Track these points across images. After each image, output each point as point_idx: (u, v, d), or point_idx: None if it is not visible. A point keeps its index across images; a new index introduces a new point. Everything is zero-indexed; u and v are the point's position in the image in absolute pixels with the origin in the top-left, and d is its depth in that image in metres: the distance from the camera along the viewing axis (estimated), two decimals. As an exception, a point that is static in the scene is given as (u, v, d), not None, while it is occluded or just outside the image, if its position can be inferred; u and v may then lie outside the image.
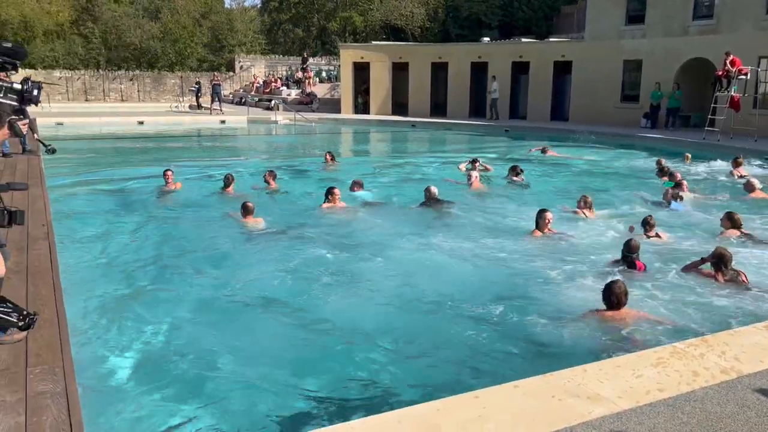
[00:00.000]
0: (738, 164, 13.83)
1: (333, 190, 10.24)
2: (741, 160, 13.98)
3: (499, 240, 8.49)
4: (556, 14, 38.68)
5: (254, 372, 4.91)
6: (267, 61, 42.44)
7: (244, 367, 5.00)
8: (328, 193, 10.22)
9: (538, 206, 9.19)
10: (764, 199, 10.88)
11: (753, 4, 20.73)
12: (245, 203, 9.38)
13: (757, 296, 6.28)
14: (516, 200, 11.33)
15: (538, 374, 3.84)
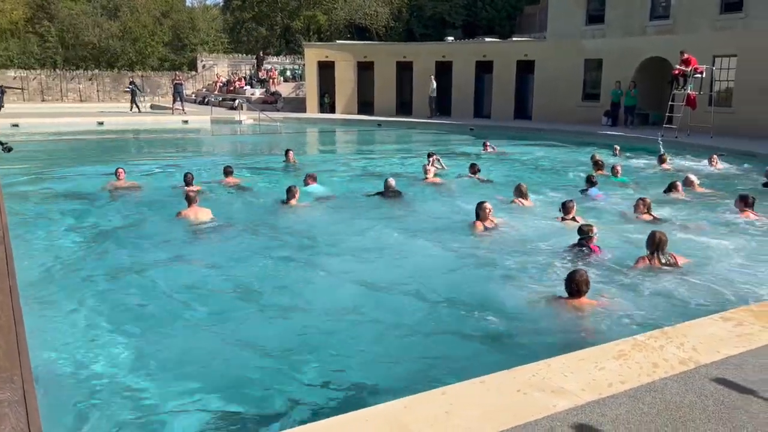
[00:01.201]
0: (663, 160, 14.70)
1: (292, 189, 10.28)
2: (666, 157, 14.85)
3: (453, 233, 8.60)
4: (518, 14, 39.16)
5: (217, 374, 4.84)
6: (230, 60, 42.02)
7: (206, 369, 4.92)
8: (288, 191, 10.28)
9: (490, 198, 9.51)
10: (703, 193, 11.36)
11: (708, 5, 21.32)
12: (187, 194, 9.43)
13: (689, 277, 6.56)
14: (470, 194, 11.47)
15: (505, 367, 3.89)
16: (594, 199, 10.80)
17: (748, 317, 4.72)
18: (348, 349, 5.27)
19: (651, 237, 6.82)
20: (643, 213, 8.93)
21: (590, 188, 11.13)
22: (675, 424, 3.30)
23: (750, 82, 20.37)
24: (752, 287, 6.36)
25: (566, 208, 8.72)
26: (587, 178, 11.56)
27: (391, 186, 11.03)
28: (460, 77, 28.41)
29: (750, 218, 9.11)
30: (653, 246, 6.75)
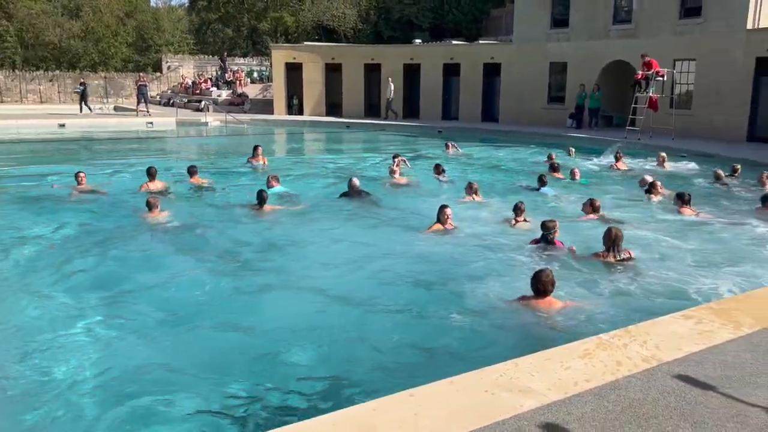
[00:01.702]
0: (618, 159, 15.18)
1: (263, 194, 10.20)
2: (621, 155, 15.38)
3: (414, 235, 8.67)
4: (485, 17, 39.50)
5: (176, 381, 4.73)
6: (196, 62, 41.49)
7: (164, 375, 4.81)
8: (259, 195, 10.18)
9: (453, 200, 9.81)
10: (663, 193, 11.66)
11: (668, 10, 21.83)
12: (147, 199, 9.43)
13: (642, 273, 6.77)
14: (434, 195, 11.67)
15: (473, 367, 3.92)
16: (546, 197, 11.22)
17: (708, 315, 4.83)
18: (314, 354, 5.21)
19: (607, 233, 6.95)
20: (590, 213, 9.19)
21: (541, 187, 11.52)
22: (638, 420, 3.36)
23: (708, 85, 20.93)
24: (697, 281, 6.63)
25: (518, 209, 8.98)
26: (539, 178, 11.90)
27: (355, 186, 11.07)
28: (428, 79, 28.56)
29: (687, 214, 9.57)
30: (609, 242, 6.88)
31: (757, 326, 4.62)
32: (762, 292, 5.49)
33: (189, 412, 4.34)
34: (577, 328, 5.38)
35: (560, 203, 10.96)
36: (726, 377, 3.85)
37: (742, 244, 8.43)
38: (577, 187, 12.55)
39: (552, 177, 12.84)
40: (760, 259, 7.63)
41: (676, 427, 3.31)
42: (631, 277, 6.68)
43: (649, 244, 8.13)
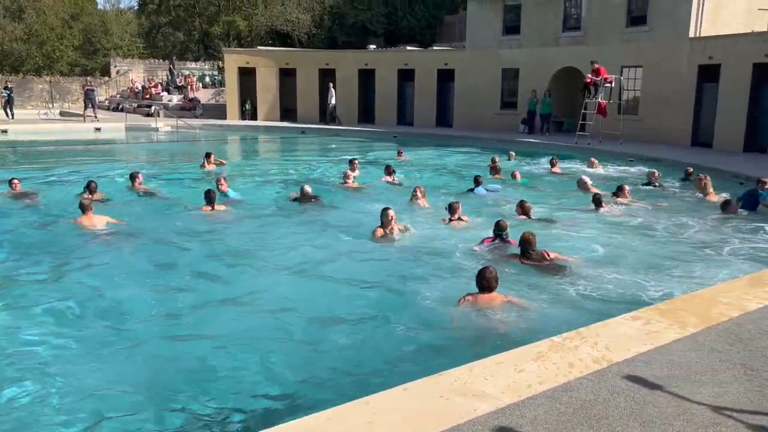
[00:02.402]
0: (553, 164, 15.76)
1: (210, 193, 10.16)
2: (556, 161, 15.95)
3: (362, 239, 8.73)
4: (438, 23, 39.92)
5: (127, 393, 4.57)
6: (146, 66, 40.65)
7: (109, 388, 4.63)
8: (206, 195, 10.13)
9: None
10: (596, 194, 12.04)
11: (616, 19, 22.45)
12: (80, 202, 9.30)
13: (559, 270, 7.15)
14: (387, 199, 11.73)
15: (426, 370, 3.94)
16: (481, 197, 11.71)
17: (655, 316, 4.95)
18: (265, 365, 5.09)
19: (521, 237, 7.38)
20: (520, 213, 9.61)
21: (476, 188, 12.04)
22: (590, 421, 3.41)
23: (654, 91, 21.60)
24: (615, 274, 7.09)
25: (452, 209, 9.34)
26: (474, 179, 12.38)
27: (307, 192, 11.28)
28: (383, 85, 28.65)
29: (602, 212, 10.31)
30: (522, 245, 7.32)
31: (702, 326, 4.76)
32: (706, 293, 5.66)
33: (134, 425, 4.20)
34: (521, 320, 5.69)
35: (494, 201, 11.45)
36: (673, 376, 3.95)
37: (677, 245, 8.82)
38: (517, 187, 13.12)
39: (492, 179, 13.45)
40: (694, 260, 7.92)
41: (625, 426, 3.37)
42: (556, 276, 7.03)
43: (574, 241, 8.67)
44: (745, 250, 8.41)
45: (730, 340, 4.53)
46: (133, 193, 11.98)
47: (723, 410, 3.56)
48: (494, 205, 11.09)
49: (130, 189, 12.13)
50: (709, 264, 7.73)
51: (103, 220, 9.18)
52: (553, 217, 10.15)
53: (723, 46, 19.56)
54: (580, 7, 23.50)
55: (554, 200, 11.92)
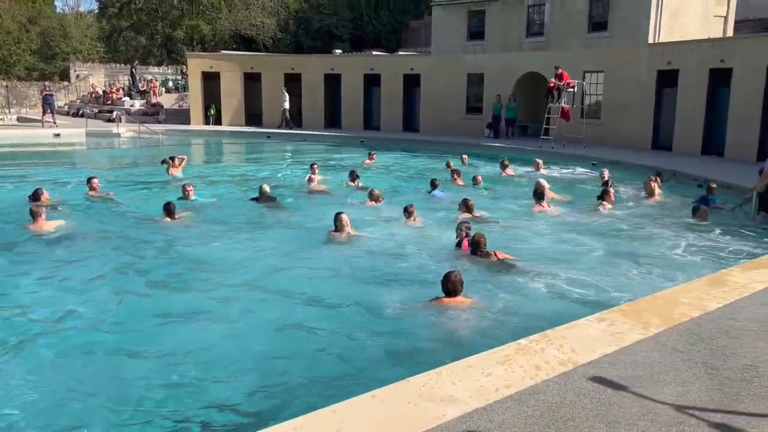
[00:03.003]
0: (505, 166, 16.17)
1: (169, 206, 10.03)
2: (507, 163, 16.38)
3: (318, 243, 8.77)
4: (404, 28, 40.10)
5: (77, 411, 4.38)
6: (107, 70, 39.87)
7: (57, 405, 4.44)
8: (166, 207, 10.02)
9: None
10: (553, 197, 12.38)
11: (577, 24, 22.87)
12: (30, 209, 9.22)
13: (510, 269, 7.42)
14: (345, 201, 11.95)
15: (394, 375, 3.95)
16: (439, 199, 12.02)
17: (619, 317, 5.03)
18: (226, 375, 4.93)
19: (472, 238, 7.64)
20: (464, 212, 9.87)
21: (433, 190, 12.42)
22: (557, 424, 3.43)
23: (616, 96, 22.05)
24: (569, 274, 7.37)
25: (408, 211, 9.68)
26: (431, 182, 12.70)
27: (266, 192, 11.45)
28: (349, 90, 28.63)
29: (542, 210, 10.84)
30: (472, 245, 7.59)
31: (664, 326, 4.85)
32: (668, 293, 5.77)
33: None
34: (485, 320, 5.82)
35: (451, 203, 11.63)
36: (637, 377, 4.00)
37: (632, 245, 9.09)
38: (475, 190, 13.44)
39: (453, 184, 13.81)
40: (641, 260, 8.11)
41: (591, 428, 3.39)
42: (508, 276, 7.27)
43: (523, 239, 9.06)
44: (701, 250, 8.63)
45: (692, 339, 4.62)
46: (90, 198, 11.86)
47: (686, 409, 3.62)
48: (451, 208, 11.18)
49: (87, 195, 11.99)
50: (667, 264, 7.92)
51: (54, 225, 9.13)
52: (496, 217, 10.46)
53: (680, 52, 20.09)
54: (542, 13, 23.86)
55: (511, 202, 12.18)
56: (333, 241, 8.57)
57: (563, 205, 11.77)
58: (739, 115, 18.44)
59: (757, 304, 5.44)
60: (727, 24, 23.51)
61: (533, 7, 24.11)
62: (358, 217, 9.81)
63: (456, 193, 12.70)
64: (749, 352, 4.44)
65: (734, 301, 5.49)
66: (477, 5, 25.54)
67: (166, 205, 9.92)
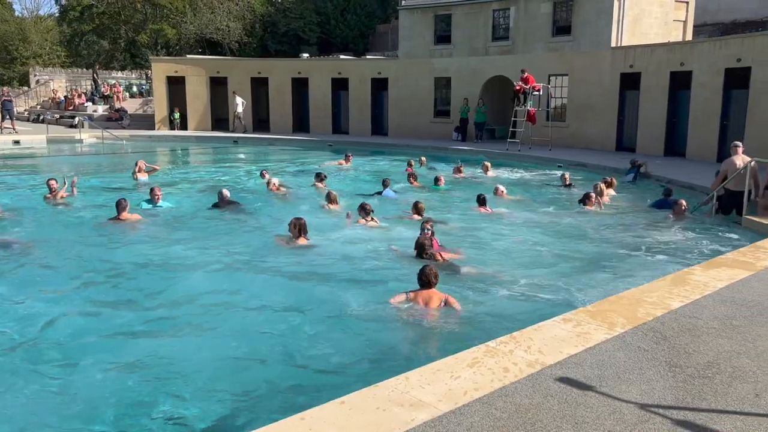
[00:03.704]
0: (459, 170, 16.43)
1: (121, 202, 10.01)
2: (461, 167, 16.64)
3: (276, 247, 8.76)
4: (371, 32, 40.18)
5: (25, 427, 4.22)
6: (68, 75, 39.05)
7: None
8: (117, 205, 9.99)
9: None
10: (511, 199, 12.77)
11: (542, 28, 23.18)
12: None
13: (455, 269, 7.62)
14: (305, 204, 12.12)
15: (369, 375, 4.00)
16: (391, 199, 12.28)
17: (585, 317, 5.09)
18: (188, 384, 4.80)
19: (417, 241, 7.86)
20: (414, 214, 10.14)
21: (385, 190, 12.68)
22: (525, 426, 3.45)
23: (580, 99, 22.41)
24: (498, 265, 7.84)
25: (365, 210, 9.81)
26: (382, 182, 12.98)
27: (226, 197, 11.45)
28: (317, 93, 28.53)
29: (484, 212, 11.20)
30: (417, 248, 7.78)
31: (629, 326, 4.93)
32: (632, 293, 5.86)
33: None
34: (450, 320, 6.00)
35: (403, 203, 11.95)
36: (603, 376, 4.06)
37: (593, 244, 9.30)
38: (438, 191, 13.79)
39: (412, 186, 14.12)
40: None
41: (559, 429, 3.42)
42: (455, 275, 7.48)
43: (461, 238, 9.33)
44: (663, 251, 8.80)
45: (656, 338, 4.70)
46: (48, 203, 11.72)
47: (650, 407, 3.68)
48: (405, 207, 11.38)
49: (45, 198, 11.87)
50: (630, 265, 8.06)
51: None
52: (446, 219, 10.67)
53: (642, 56, 20.52)
54: (508, 17, 24.14)
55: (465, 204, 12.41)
56: (290, 246, 8.53)
57: (519, 207, 12.05)
58: (699, 117, 18.91)
59: (718, 302, 5.57)
60: (686, 28, 24.10)
61: (498, 11, 24.37)
62: (318, 220, 9.93)
63: (412, 194, 12.99)
64: (711, 349, 4.54)
65: (696, 299, 5.62)
66: (443, 9, 25.71)
67: (117, 202, 9.92)
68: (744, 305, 5.49)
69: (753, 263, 6.94)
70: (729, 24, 28.09)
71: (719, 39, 19.67)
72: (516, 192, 13.53)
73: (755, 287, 6.03)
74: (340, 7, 39.40)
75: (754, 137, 16.27)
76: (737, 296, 5.73)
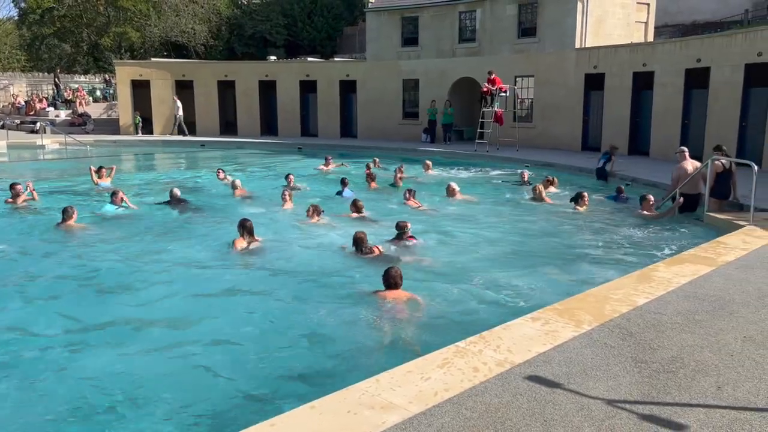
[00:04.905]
0: (400, 170, 16.57)
1: (71, 208, 9.95)
2: (402, 168, 16.84)
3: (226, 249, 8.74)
4: (339, 35, 40.12)
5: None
6: (29, 80, 38.14)
7: None
8: (66, 211, 9.89)
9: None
10: (465, 200, 12.94)
11: (507, 30, 23.43)
12: None
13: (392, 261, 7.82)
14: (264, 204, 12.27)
15: (336, 380, 4.02)
16: (348, 199, 12.37)
17: (553, 316, 5.15)
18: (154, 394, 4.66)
19: (353, 237, 8.22)
20: (353, 211, 10.71)
21: (343, 190, 13.19)
22: (495, 425, 3.47)
23: (546, 99, 22.70)
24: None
25: (315, 209, 10.30)
26: (341, 181, 13.54)
27: (176, 195, 11.96)
28: (285, 96, 28.38)
29: (412, 205, 11.82)
30: (354, 243, 8.13)
31: (596, 323, 5.00)
32: (599, 291, 5.95)
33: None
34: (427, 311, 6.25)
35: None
36: (571, 373, 4.11)
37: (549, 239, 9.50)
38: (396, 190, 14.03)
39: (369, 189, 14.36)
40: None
41: (528, 427, 3.45)
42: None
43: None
44: (627, 247, 8.96)
45: (622, 334, 4.78)
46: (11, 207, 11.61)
47: (617, 402, 3.73)
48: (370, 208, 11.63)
49: (6, 202, 11.73)
50: (594, 261, 8.18)
51: None
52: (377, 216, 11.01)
53: (606, 56, 20.88)
54: (474, 19, 24.34)
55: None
56: (238, 249, 8.48)
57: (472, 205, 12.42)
58: (661, 117, 19.31)
59: (682, 297, 5.69)
60: (647, 29, 24.59)
61: (465, 13, 24.55)
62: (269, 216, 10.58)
63: (369, 194, 13.44)
64: (675, 344, 4.63)
65: (661, 295, 5.73)
66: (410, 11, 25.81)
67: (64, 210, 9.84)
68: (706, 300, 5.62)
69: (714, 258, 7.11)
70: (689, 25, 28.79)
71: (680, 40, 20.11)
72: (471, 191, 13.74)
73: (716, 282, 6.18)
74: (307, 9, 39.26)
75: (714, 135, 16.66)
76: (699, 291, 5.87)
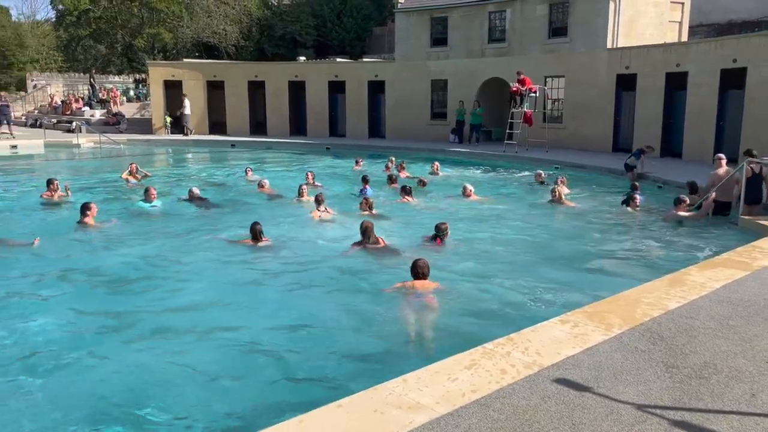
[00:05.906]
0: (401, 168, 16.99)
1: (89, 205, 10.13)
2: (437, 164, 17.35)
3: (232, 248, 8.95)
4: (368, 35, 40.22)
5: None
6: (65, 80, 39.03)
7: None
8: (84, 208, 10.08)
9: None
10: (478, 200, 13.01)
11: (538, 30, 23.23)
12: None
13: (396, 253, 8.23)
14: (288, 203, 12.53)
15: (363, 379, 4.02)
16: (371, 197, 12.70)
17: (583, 318, 5.10)
18: (183, 389, 4.76)
19: (360, 226, 8.59)
20: (364, 210, 10.95)
21: (365, 188, 13.44)
22: (523, 427, 3.45)
23: (577, 100, 22.44)
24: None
25: (317, 200, 10.85)
26: (363, 178, 13.83)
27: (195, 194, 12.35)
28: (314, 97, 28.56)
29: (408, 201, 12.22)
30: (362, 232, 8.49)
31: (626, 326, 4.94)
32: (630, 294, 5.87)
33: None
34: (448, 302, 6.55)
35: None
36: (600, 377, 4.06)
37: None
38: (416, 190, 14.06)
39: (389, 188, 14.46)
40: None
41: (556, 430, 3.43)
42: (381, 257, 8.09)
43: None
44: (660, 251, 8.82)
45: (653, 339, 4.72)
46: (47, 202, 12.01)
47: (647, 408, 3.69)
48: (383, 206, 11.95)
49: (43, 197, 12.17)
50: (628, 265, 8.06)
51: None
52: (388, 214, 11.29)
53: (638, 57, 20.56)
54: (504, 19, 24.19)
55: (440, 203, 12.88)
56: (251, 249, 8.69)
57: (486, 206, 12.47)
58: (695, 118, 18.94)
59: (715, 302, 5.58)
60: (681, 29, 24.15)
61: (494, 13, 24.41)
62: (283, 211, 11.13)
63: (389, 194, 13.63)
64: (707, 350, 4.55)
65: (693, 300, 5.63)
66: (439, 12, 25.76)
67: (83, 206, 10.05)
68: (740, 305, 5.51)
69: (749, 263, 6.96)
70: (725, 24, 28.17)
71: (715, 39, 19.71)
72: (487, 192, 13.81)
73: (751, 287, 6.05)
74: (337, 10, 39.45)
75: (750, 137, 16.29)
76: (733, 296, 5.75)
